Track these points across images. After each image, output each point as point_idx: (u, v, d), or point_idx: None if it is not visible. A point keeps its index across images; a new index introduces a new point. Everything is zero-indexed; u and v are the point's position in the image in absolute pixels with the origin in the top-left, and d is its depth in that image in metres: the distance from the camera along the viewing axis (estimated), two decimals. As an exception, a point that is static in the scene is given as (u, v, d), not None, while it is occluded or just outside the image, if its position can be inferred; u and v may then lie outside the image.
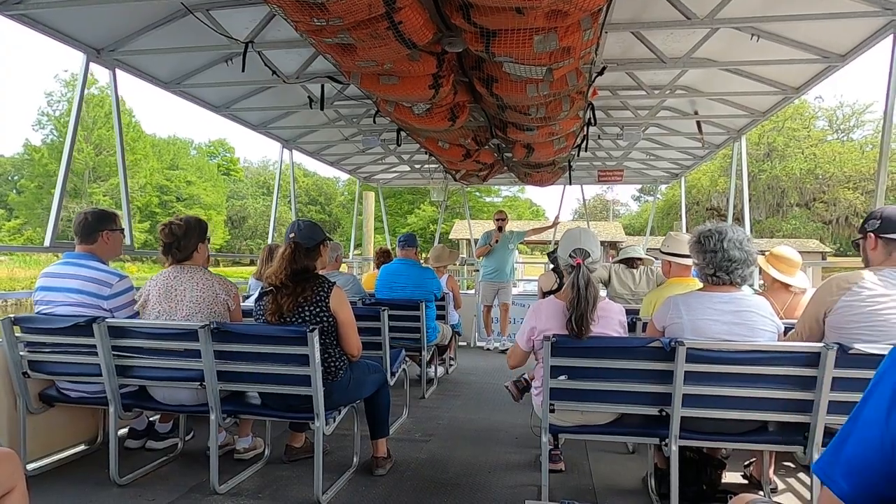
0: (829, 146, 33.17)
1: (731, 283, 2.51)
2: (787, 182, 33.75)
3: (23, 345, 3.02)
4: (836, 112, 34.96)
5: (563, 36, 2.97)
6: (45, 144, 37.83)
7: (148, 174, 38.83)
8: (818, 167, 32.87)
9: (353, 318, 2.94)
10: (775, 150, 34.45)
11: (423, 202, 35.85)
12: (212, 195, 39.74)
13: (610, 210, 21.56)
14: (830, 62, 4.30)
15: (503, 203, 42.28)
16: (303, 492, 2.91)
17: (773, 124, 34.39)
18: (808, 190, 33.58)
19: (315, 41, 3.16)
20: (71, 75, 38.42)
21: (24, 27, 3.70)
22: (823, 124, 35.41)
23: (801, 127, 34.52)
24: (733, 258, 2.46)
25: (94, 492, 2.88)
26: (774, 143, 34.39)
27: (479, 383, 5.60)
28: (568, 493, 2.93)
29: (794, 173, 33.28)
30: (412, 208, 33.21)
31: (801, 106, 35.23)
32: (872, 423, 0.84)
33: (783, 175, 33.63)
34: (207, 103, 5.67)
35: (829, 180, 32.13)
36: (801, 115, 34.76)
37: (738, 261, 2.47)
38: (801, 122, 34.62)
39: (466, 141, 5.65)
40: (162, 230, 3.03)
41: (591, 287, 2.56)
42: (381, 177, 10.11)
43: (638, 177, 9.76)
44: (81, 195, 35.77)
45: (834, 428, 2.36)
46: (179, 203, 39.25)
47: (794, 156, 33.93)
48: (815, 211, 33.81)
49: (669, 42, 4.38)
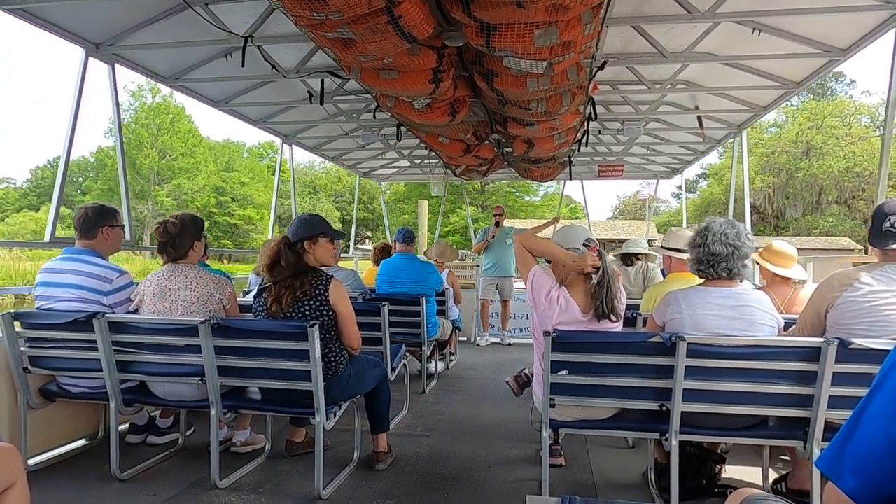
0: (869, 143, 32.65)
1: (718, 277, 2.53)
2: (825, 180, 33.51)
3: (23, 340, 3.02)
4: (878, 109, 34.25)
5: (564, 30, 2.96)
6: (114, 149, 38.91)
7: (206, 176, 40.84)
8: (857, 164, 32.61)
9: (353, 311, 2.94)
10: (813, 147, 34.21)
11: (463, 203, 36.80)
12: (263, 195, 41.05)
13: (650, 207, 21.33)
14: (832, 56, 4.29)
15: (542, 202, 41.91)
16: (303, 486, 2.92)
17: (812, 122, 34.15)
18: (846, 187, 33.51)
19: (315, 35, 3.15)
20: (137, 86, 40.81)
21: (24, 22, 3.69)
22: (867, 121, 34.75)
23: (842, 124, 34.17)
24: (715, 252, 2.50)
25: (95, 486, 2.88)
26: (813, 140, 34.14)
27: (479, 378, 5.60)
28: (568, 488, 2.93)
29: (832, 171, 33.03)
30: (454, 208, 34.22)
31: (840, 104, 34.95)
32: (879, 418, 0.83)
33: (821, 173, 33.40)
34: (207, 98, 5.66)
35: (869, 178, 31.81)
36: (840, 113, 34.45)
37: (720, 255, 2.49)
38: (841, 119, 34.30)
39: (467, 136, 5.64)
40: (157, 229, 3.03)
41: (613, 271, 2.62)
42: (381, 172, 10.10)
43: (638, 172, 9.75)
44: (147, 197, 38.47)
45: (834, 423, 2.37)
46: (234, 203, 41.00)
47: (832, 153, 33.60)
48: (856, 208, 33.73)
49: (670, 36, 4.37)
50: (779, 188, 35.08)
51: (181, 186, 39.76)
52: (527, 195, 41.88)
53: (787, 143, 35.03)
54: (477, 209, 35.79)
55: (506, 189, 38.85)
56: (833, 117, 34.21)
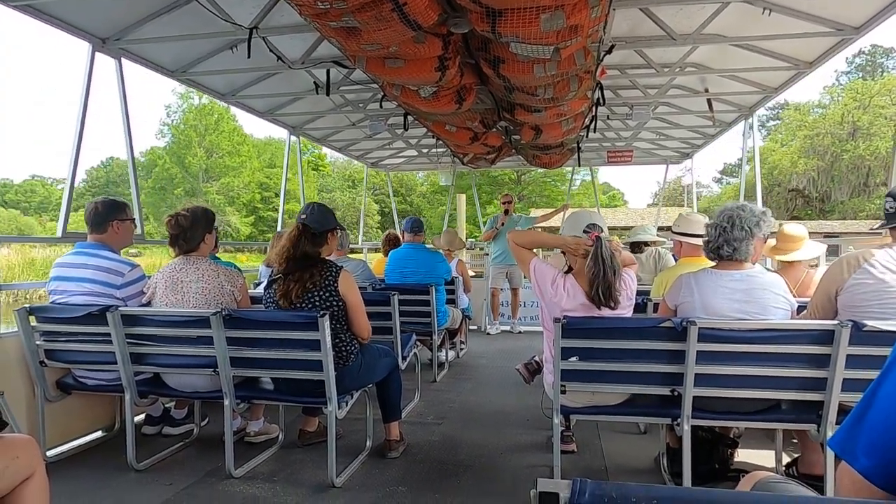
0: (920, 121, 31.95)
1: (737, 259, 2.50)
2: (872, 161, 32.69)
3: (39, 334, 3.06)
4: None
5: (571, 14, 2.91)
6: (165, 150, 43.09)
7: (251, 173, 42.44)
8: (908, 144, 32.05)
9: (362, 301, 2.95)
10: (860, 128, 33.38)
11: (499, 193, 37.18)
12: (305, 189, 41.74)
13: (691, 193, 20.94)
14: (845, 35, 4.20)
15: (579, 191, 41.56)
16: (317, 475, 2.94)
17: (858, 102, 33.28)
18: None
19: (319, 25, 3.13)
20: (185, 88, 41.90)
21: (30, 18, 3.70)
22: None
23: (891, 103, 33.34)
24: (735, 237, 2.47)
25: (113, 477, 2.93)
26: (859, 121, 33.33)
27: (489, 366, 5.62)
28: (580, 474, 2.93)
29: (879, 152, 32.18)
30: (490, 199, 34.46)
31: (889, 81, 34.00)
32: (892, 398, 0.82)
33: (867, 154, 32.61)
34: (214, 91, 5.67)
35: (922, 158, 31.14)
36: (889, 92, 33.61)
37: (738, 238, 2.47)
38: (890, 98, 33.45)
39: (474, 124, 5.60)
40: (168, 221, 3.04)
41: (615, 258, 2.57)
42: (389, 162, 10.09)
43: (647, 157, 9.66)
44: (197, 194, 40.45)
45: (847, 405, 2.35)
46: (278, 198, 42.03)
47: (880, 134, 32.78)
48: (907, 189, 33.09)
49: (679, 18, 4.30)
50: (823, 171, 34.39)
51: (229, 184, 41.12)
52: (562, 184, 41.26)
53: (832, 125, 34.20)
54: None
55: (542, 179, 38.56)
56: (881, 96, 33.22)
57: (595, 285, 2.54)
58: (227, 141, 42.76)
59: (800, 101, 40.59)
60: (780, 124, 41.79)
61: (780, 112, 42.98)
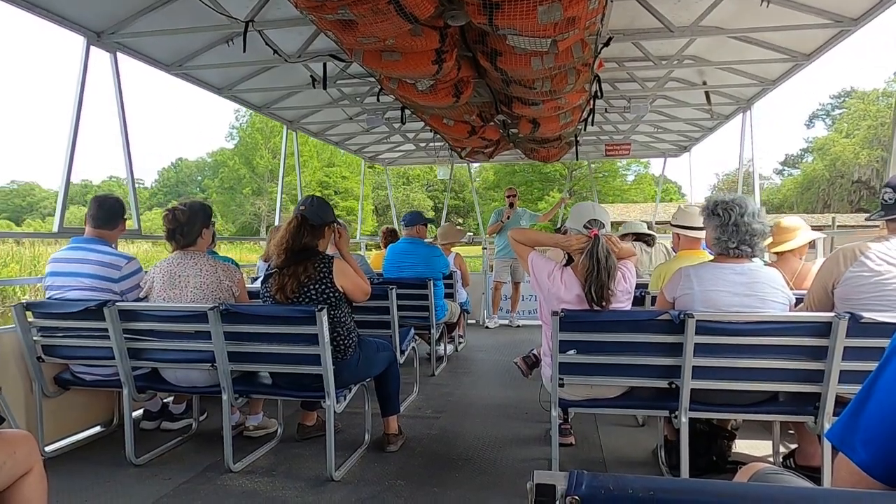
0: None
1: (750, 255, 2.49)
2: None
3: (36, 330, 3.06)
4: None
5: (568, 6, 2.89)
6: (234, 151, 45.20)
7: (312, 172, 42.83)
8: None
9: (355, 273, 2.95)
10: None
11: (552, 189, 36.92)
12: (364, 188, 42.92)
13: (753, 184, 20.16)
14: (843, 26, 4.19)
15: (632, 186, 40.66)
16: (316, 469, 2.95)
17: None
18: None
19: (315, 18, 3.11)
20: None
21: (23, 11, 3.67)
22: None
23: None
24: (755, 231, 2.46)
25: (111, 472, 2.93)
26: None
27: (488, 360, 5.62)
28: (578, 466, 2.94)
29: None
30: (542, 195, 34.37)
31: None
32: (891, 390, 0.82)
33: None
34: (210, 85, 5.63)
35: None
36: None
37: (759, 234, 2.47)
38: None
39: (471, 117, 5.58)
40: (165, 216, 3.04)
41: (610, 258, 2.55)
42: (387, 156, 10.06)
43: (645, 150, 9.66)
44: (263, 193, 42.10)
45: (845, 397, 2.35)
46: (337, 196, 43.00)
47: None
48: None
49: (676, 10, 4.28)
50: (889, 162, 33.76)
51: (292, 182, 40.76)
52: (614, 178, 40.86)
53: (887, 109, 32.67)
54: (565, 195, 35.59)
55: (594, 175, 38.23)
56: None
57: (588, 284, 2.53)
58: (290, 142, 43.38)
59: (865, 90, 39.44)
60: (845, 113, 40.34)
61: (844, 101, 41.48)
